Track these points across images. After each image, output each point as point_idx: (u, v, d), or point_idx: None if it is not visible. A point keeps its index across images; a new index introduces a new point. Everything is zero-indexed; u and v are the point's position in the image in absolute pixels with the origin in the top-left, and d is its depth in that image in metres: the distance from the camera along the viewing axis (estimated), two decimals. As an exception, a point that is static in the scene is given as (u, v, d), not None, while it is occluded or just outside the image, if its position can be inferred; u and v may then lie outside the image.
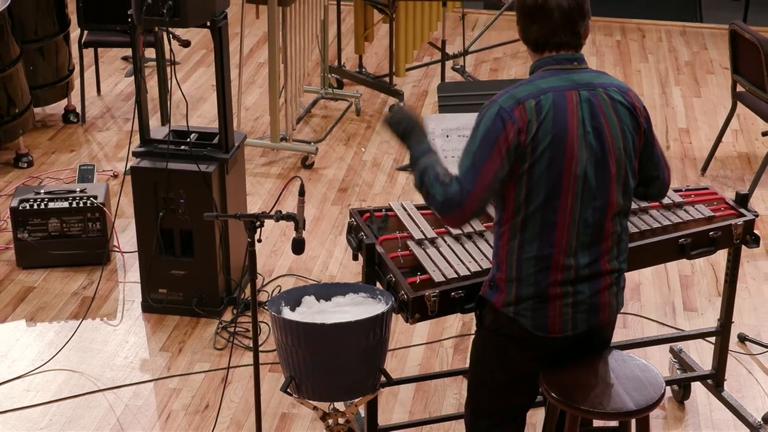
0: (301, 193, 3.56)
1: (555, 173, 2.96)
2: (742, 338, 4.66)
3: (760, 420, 4.07)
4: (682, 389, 4.28)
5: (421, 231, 3.67)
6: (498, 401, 3.30)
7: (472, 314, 3.31)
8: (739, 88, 5.94)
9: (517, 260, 3.05)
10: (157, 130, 4.80)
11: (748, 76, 5.75)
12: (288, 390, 3.30)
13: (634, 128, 3.06)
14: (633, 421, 3.26)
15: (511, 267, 3.06)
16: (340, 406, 3.53)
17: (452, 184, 2.95)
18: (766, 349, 4.57)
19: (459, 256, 3.56)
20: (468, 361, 3.41)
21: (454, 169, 3.02)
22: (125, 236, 5.30)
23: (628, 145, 3.05)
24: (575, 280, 3.06)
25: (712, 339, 4.22)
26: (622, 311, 3.39)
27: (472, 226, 3.66)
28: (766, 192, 5.88)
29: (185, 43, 6.65)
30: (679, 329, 4.70)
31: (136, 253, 4.79)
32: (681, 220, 3.86)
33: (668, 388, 4.22)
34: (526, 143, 2.94)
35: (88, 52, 6.76)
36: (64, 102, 6.54)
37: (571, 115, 2.97)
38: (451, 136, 3.96)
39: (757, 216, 3.92)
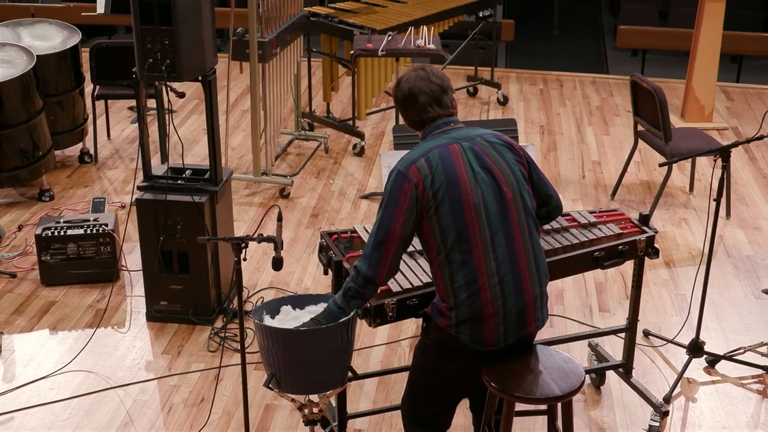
0: (279, 218, 3.53)
1: (457, 210, 2.99)
2: (647, 333, 4.67)
3: (661, 400, 4.09)
4: (598, 377, 4.29)
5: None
6: (432, 397, 3.29)
7: (424, 319, 3.29)
8: (640, 128, 5.98)
9: (452, 290, 3.04)
10: (158, 167, 4.75)
11: (646, 118, 5.80)
12: (270, 385, 3.26)
13: (517, 160, 3.13)
14: (559, 405, 3.26)
15: (449, 297, 3.05)
16: (314, 398, 3.49)
17: (358, 263, 3.05)
18: (665, 342, 4.59)
19: (413, 270, 3.54)
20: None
21: None
22: (131, 257, 5.24)
23: (517, 174, 3.09)
24: (503, 295, 3.05)
25: (622, 335, 4.23)
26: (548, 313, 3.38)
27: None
28: (663, 212, 5.92)
29: (181, 95, 6.61)
30: (595, 327, 4.71)
31: (141, 271, 4.74)
32: (595, 237, 3.87)
33: (587, 377, 4.23)
34: (425, 192, 2.99)
35: (100, 104, 6.70)
36: (79, 145, 6.47)
37: (457, 162, 3.02)
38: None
39: (656, 233, 3.94)
